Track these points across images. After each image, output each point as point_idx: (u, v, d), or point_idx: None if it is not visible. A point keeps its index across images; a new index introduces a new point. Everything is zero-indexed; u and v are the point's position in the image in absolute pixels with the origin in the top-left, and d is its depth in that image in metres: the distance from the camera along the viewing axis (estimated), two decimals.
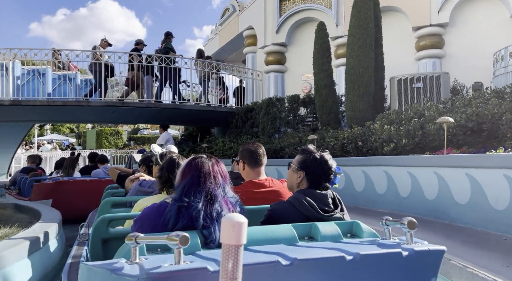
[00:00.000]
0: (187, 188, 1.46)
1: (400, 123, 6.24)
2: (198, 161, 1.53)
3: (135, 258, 1.11)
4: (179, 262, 1.04)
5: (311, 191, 1.73)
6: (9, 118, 10.58)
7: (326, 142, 6.97)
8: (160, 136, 9.64)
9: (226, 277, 0.72)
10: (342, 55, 9.78)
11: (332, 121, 8.25)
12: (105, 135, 23.88)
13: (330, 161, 1.78)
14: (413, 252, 1.24)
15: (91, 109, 9.51)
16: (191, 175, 1.49)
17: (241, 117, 10.15)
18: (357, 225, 1.50)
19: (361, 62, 7.59)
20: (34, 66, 10.07)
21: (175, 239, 1.02)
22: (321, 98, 8.32)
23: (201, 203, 1.42)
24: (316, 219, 1.61)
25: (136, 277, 1.00)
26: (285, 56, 11.18)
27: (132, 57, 9.50)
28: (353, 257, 1.16)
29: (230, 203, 1.52)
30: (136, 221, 1.55)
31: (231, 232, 0.74)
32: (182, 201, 1.43)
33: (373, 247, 1.27)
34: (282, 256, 1.13)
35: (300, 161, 1.80)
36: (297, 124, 9.13)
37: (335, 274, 1.17)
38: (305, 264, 1.12)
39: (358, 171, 5.98)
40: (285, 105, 9.44)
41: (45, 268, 3.22)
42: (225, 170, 1.58)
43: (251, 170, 2.30)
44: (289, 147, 7.64)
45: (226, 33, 13.57)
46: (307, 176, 1.77)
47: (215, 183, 1.49)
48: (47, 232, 3.44)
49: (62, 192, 5.83)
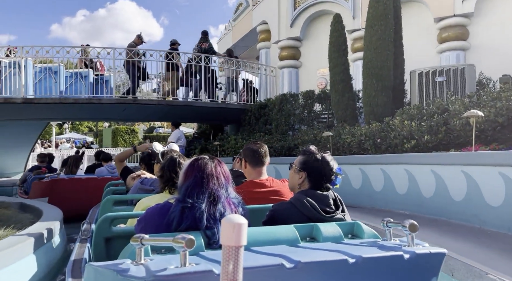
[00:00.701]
0: (190, 189, 1.47)
1: (422, 119, 5.85)
2: (201, 162, 1.54)
3: (140, 259, 1.11)
4: (184, 264, 1.04)
5: (312, 192, 1.73)
6: (24, 116, 10.60)
7: (342, 139, 6.62)
8: (172, 134, 9.48)
9: (226, 279, 0.72)
10: (359, 49, 9.38)
11: (348, 117, 7.87)
12: (121, 133, 24.00)
13: (332, 162, 1.79)
14: (414, 255, 1.24)
15: (103, 107, 9.41)
16: (194, 176, 1.50)
17: (254, 115, 9.87)
18: (358, 226, 1.50)
19: (380, 55, 7.20)
20: (47, 64, 10.04)
21: (181, 241, 1.01)
22: (337, 94, 7.96)
23: (204, 204, 1.43)
24: (317, 219, 1.61)
25: (142, 279, 1.00)
26: (299, 51, 10.84)
27: (172, 56, 9.32)
28: (355, 260, 1.16)
29: (233, 203, 1.53)
30: (140, 221, 1.58)
31: (231, 233, 0.74)
32: (185, 202, 1.44)
33: (375, 249, 1.27)
34: (285, 259, 1.13)
35: (302, 162, 1.81)
36: (312, 121, 8.79)
37: (337, 277, 1.18)
38: (308, 267, 1.12)
39: (376, 170, 5.62)
40: (300, 101, 9.11)
41: (49, 265, 3.25)
42: (228, 171, 1.58)
43: (252, 169, 2.29)
44: (303, 144, 7.31)
45: (239, 29, 13.31)
46: (309, 177, 1.77)
47: (218, 184, 1.50)
48: (51, 229, 3.46)
49: (57, 190, 5.78)
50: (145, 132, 27.38)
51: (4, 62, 9.46)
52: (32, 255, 2.95)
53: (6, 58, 9.31)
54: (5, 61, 9.42)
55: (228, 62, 10.09)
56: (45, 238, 3.26)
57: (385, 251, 1.25)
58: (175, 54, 9.37)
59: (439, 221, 4.43)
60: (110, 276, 1.10)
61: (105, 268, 1.12)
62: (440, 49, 8.69)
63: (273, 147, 7.94)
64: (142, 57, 9.43)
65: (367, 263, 1.18)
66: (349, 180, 6.11)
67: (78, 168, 6.68)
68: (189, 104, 9.62)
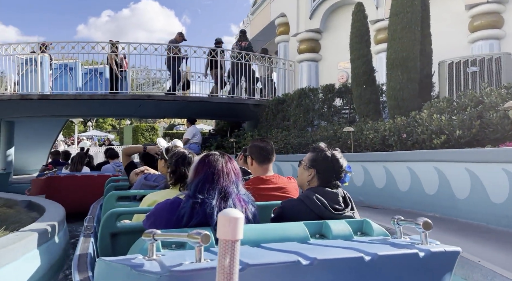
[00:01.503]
0: (201, 185, 1.47)
1: (452, 112, 5.35)
2: (212, 158, 1.54)
3: (153, 255, 1.10)
4: (200, 260, 1.03)
5: (322, 189, 1.72)
6: (41, 113, 10.64)
7: (364, 135, 6.19)
8: (187, 131, 9.24)
9: (223, 272, 0.73)
10: (383, 41, 8.86)
11: (371, 112, 7.40)
12: (141, 131, 24.11)
13: (341, 159, 1.79)
14: (429, 253, 1.23)
15: (118, 103, 9.28)
16: (205, 172, 1.50)
17: (272, 110, 9.50)
18: (367, 223, 1.49)
19: (405, 44, 6.70)
20: (64, 61, 10.00)
21: (196, 237, 1.00)
22: (359, 87, 7.50)
23: (215, 200, 1.43)
24: (327, 217, 1.60)
25: (158, 274, 0.99)
26: (319, 44, 10.39)
27: (216, 52, 9.18)
28: (371, 258, 1.15)
29: (243, 200, 1.53)
30: (149, 216, 1.58)
31: (228, 227, 0.75)
32: (196, 198, 1.45)
33: (388, 247, 1.26)
34: (300, 255, 1.11)
35: (311, 159, 1.80)
36: (332, 117, 8.35)
37: (353, 274, 1.16)
38: (324, 264, 1.11)
39: (401, 167, 5.16)
40: (319, 96, 8.68)
41: (51, 260, 3.27)
42: (238, 167, 1.59)
43: (259, 166, 2.29)
44: (322, 140, 6.91)
45: (257, 23, 12.96)
46: (318, 174, 1.77)
47: (229, 180, 1.51)
48: (54, 225, 3.48)
49: (53, 187, 5.77)
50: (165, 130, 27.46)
51: (21, 59, 9.49)
52: (34, 251, 2.94)
53: (23, 55, 9.31)
54: (22, 58, 9.44)
55: (265, 60, 9.91)
56: (48, 234, 3.26)
57: (399, 249, 1.23)
58: (219, 52, 9.25)
59: (475, 226, 3.96)
60: (123, 271, 1.08)
61: (118, 263, 1.12)
62: (472, 38, 8.07)
63: (290, 144, 7.58)
64: (184, 53, 9.33)
65: (382, 260, 1.17)
66: (372, 179, 5.68)
67: (83, 164, 6.55)
68: (205, 100, 9.36)
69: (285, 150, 7.70)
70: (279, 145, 7.83)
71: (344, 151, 6.55)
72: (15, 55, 9.17)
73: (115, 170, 5.77)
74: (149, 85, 16.47)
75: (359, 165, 5.94)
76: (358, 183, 5.94)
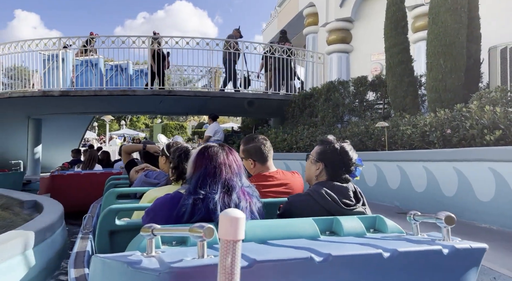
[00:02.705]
0: (202, 179, 1.40)
1: (507, 103, 4.55)
2: (211, 151, 1.47)
3: (151, 251, 1.03)
4: (202, 256, 0.95)
5: (331, 183, 1.64)
6: (66, 110, 10.58)
7: (400, 131, 5.45)
8: (209, 128, 8.80)
9: (224, 272, 0.72)
10: (422, 28, 8.03)
11: (408, 106, 6.63)
12: (170, 129, 24.16)
13: (351, 151, 1.70)
14: (454, 250, 1.12)
15: (138, 99, 8.99)
16: (205, 166, 1.43)
17: (298, 106, 8.88)
18: (381, 219, 1.40)
19: (449, 29, 5.89)
20: (87, 57, 9.85)
21: (199, 231, 0.91)
22: (394, 78, 6.74)
23: (218, 195, 1.37)
24: (337, 212, 1.53)
25: (157, 271, 0.91)
26: (350, 34, 9.63)
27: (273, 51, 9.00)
28: (390, 254, 1.06)
29: (247, 193, 1.46)
30: (148, 212, 1.51)
31: (229, 227, 0.74)
32: (197, 194, 1.38)
33: (406, 243, 1.17)
34: (313, 252, 1.03)
35: (319, 152, 1.73)
36: (364, 112, 7.60)
37: (370, 272, 1.08)
38: (339, 260, 1.03)
39: (447, 168, 4.41)
40: (350, 89, 7.96)
41: (49, 258, 3.26)
42: (239, 159, 1.51)
43: (261, 166, 2.17)
44: (352, 137, 6.22)
45: (285, 15, 12.34)
46: (326, 168, 1.69)
47: (231, 172, 1.44)
48: (53, 223, 3.49)
49: (57, 186, 5.85)
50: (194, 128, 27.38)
51: (44, 55, 9.42)
52: (30, 251, 2.91)
53: (46, 51, 9.23)
54: (46, 54, 9.37)
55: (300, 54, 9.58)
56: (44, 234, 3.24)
57: (420, 245, 1.13)
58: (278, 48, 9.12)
59: None
60: (119, 269, 1.02)
61: (113, 259, 1.05)
62: None
63: (317, 141, 6.94)
64: (240, 49, 9.14)
65: (403, 257, 1.07)
66: (410, 181, 4.95)
67: (95, 162, 6.46)
68: (227, 96, 8.89)
69: (311, 148, 7.06)
70: (304, 142, 7.20)
71: (377, 148, 5.83)
72: (37, 51, 9.08)
73: (120, 167, 5.49)
74: (181, 84, 16.18)
75: (394, 165, 5.22)
76: (393, 185, 5.22)
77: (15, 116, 11.06)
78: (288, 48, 9.31)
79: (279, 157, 7.18)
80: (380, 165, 5.51)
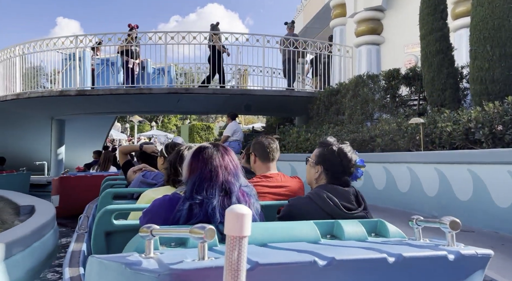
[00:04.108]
0: (198, 184, 1.36)
1: None
2: (206, 153, 1.41)
3: (150, 252, 1.00)
4: (203, 258, 0.92)
5: (332, 187, 1.63)
6: (85, 110, 10.45)
7: (439, 128, 4.70)
8: (227, 127, 8.30)
9: (230, 269, 0.72)
10: (463, 14, 7.15)
11: (447, 100, 5.83)
12: (197, 130, 23.97)
13: (350, 153, 1.68)
14: (459, 256, 1.10)
15: (155, 98, 8.65)
16: (200, 169, 1.38)
17: (324, 103, 8.21)
18: (382, 224, 1.39)
19: (497, 10, 5.08)
20: (106, 56, 9.65)
21: (200, 232, 0.89)
22: (431, 69, 5.95)
23: (216, 199, 1.33)
24: (338, 216, 1.51)
25: (157, 273, 0.88)
26: (381, 24, 8.83)
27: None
28: (395, 259, 1.03)
29: (246, 194, 1.42)
30: (146, 213, 1.49)
31: (235, 223, 0.74)
32: (193, 199, 1.34)
33: (409, 248, 1.14)
34: (316, 255, 1.00)
35: (318, 155, 1.72)
36: (397, 108, 6.82)
37: (374, 277, 1.05)
38: (343, 265, 1.00)
39: (498, 172, 3.63)
40: (380, 83, 7.20)
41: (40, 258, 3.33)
42: (235, 158, 1.46)
43: (262, 164, 2.22)
44: (382, 136, 5.51)
45: (311, 8, 11.67)
46: (326, 171, 1.68)
47: (228, 174, 1.39)
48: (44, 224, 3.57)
49: (65, 188, 5.96)
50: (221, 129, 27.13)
51: (64, 54, 9.29)
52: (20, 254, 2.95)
53: (64, 50, 9.09)
54: (65, 53, 9.24)
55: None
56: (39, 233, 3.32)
57: (425, 250, 1.10)
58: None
59: None
60: (116, 270, 1.00)
61: (111, 260, 1.03)
62: None
63: (343, 140, 6.25)
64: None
65: (407, 263, 1.05)
66: (451, 187, 4.19)
67: (110, 163, 6.15)
68: (247, 93, 8.37)
69: None
70: None
71: (411, 148, 5.08)
72: (55, 50, 8.95)
73: None
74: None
75: (431, 167, 4.47)
76: (430, 191, 4.47)
77: (39, 117, 11.09)
78: (329, 44, 8.78)
79: (302, 158, 6.55)
80: (414, 168, 4.78)
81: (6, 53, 9.62)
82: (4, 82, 9.85)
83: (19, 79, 9.47)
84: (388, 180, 5.22)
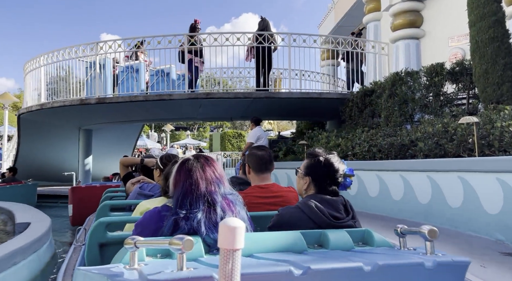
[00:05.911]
0: (181, 199, 1.36)
1: None
2: (186, 166, 1.41)
3: (134, 263, 1.03)
4: (181, 268, 0.96)
5: (321, 196, 1.64)
6: (108, 119, 10.28)
7: (497, 129, 3.83)
8: (250, 133, 7.67)
9: (225, 279, 0.73)
10: None
11: (505, 96, 4.91)
12: (228, 138, 23.62)
13: (337, 163, 1.67)
14: (436, 263, 1.12)
15: (176, 104, 8.23)
16: (182, 183, 1.38)
17: (357, 105, 7.42)
18: (369, 233, 1.41)
19: None
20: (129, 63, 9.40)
21: (178, 243, 0.93)
22: (484, 61, 5.05)
23: (200, 212, 1.31)
24: (326, 226, 1.53)
25: None
26: (421, 16, 7.93)
27: None
28: (371, 268, 1.06)
29: (231, 203, 1.40)
30: (137, 226, 1.48)
31: (229, 236, 0.74)
32: (177, 214, 1.33)
33: (389, 256, 1.17)
34: (293, 265, 1.03)
35: (306, 166, 1.73)
36: (441, 108, 5.92)
37: None
38: (319, 274, 1.03)
39: None
40: (421, 81, 6.33)
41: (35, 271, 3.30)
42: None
43: (256, 175, 2.24)
44: (424, 140, 4.67)
45: (342, 4, 10.92)
46: (314, 181, 1.68)
47: (210, 185, 1.37)
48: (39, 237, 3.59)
49: (76, 197, 6.09)
50: None
51: (87, 63, 9.14)
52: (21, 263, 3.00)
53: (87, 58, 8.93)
54: (87, 61, 9.09)
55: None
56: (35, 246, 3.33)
57: (401, 258, 1.14)
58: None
59: None
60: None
61: (95, 272, 1.04)
62: None
63: (378, 145, 5.44)
64: None
65: (383, 271, 1.07)
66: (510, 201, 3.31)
67: None
68: (270, 96, 7.74)
69: (369, 155, 5.57)
70: (361, 148, 5.74)
71: (462, 154, 4.22)
72: (77, 58, 8.80)
73: None
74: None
75: (491, 178, 3.60)
76: (491, 208, 3.60)
77: (66, 127, 11.06)
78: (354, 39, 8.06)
79: None
80: (467, 177, 3.92)
81: (32, 64, 9.64)
82: (31, 92, 9.87)
83: (43, 89, 9.42)
84: (434, 191, 4.37)
